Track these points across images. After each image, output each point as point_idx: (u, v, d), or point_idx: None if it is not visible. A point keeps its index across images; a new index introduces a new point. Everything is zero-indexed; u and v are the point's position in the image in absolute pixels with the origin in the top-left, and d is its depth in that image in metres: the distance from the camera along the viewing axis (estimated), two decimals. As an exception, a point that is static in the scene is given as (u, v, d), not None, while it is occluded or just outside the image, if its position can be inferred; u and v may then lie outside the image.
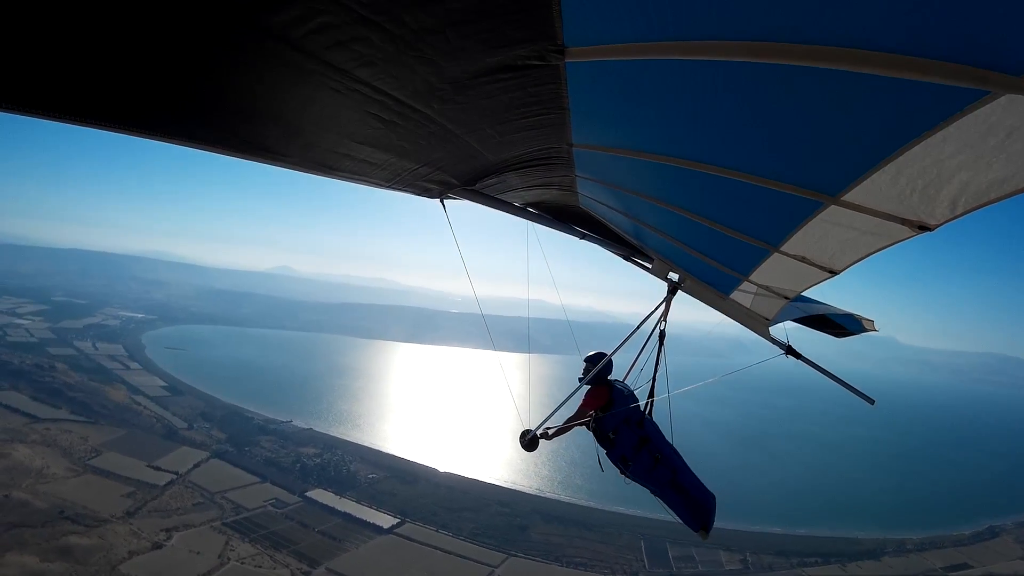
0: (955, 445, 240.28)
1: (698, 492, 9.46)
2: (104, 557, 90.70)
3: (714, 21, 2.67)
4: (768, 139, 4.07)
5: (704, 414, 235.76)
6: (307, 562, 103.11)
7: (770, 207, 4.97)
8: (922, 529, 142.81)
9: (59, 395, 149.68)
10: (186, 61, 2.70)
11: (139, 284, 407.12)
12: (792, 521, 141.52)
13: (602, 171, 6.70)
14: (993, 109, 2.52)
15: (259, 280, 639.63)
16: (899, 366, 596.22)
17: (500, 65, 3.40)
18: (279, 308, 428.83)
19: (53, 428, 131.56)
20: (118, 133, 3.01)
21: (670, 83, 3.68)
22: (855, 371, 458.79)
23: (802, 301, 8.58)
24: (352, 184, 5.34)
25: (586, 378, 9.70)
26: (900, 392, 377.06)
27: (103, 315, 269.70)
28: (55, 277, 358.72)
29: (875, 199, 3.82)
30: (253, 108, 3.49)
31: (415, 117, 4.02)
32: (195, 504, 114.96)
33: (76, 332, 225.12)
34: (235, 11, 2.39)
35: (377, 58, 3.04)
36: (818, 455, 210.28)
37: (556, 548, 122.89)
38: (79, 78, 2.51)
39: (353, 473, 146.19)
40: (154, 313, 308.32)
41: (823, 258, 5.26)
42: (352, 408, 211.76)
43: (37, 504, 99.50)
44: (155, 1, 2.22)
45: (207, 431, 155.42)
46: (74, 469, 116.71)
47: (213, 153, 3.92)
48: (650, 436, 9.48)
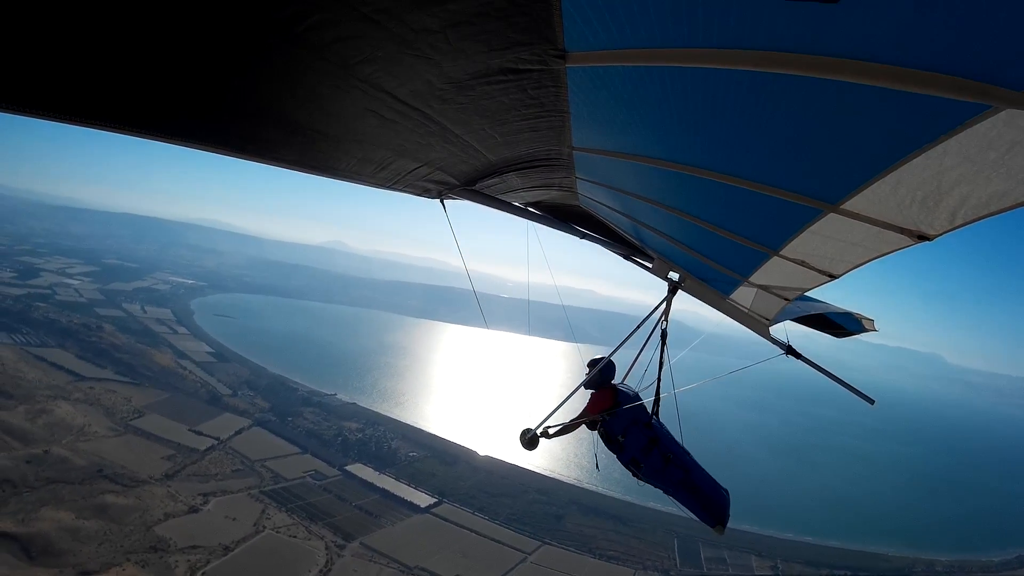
0: (990, 469, 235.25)
1: (711, 489, 9.20)
2: (140, 518, 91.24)
3: (716, 31, 2.72)
4: (769, 147, 4.06)
5: (744, 418, 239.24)
6: (342, 535, 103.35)
7: (770, 213, 5.00)
8: (951, 552, 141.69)
9: (105, 355, 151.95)
10: (184, 59, 2.69)
11: (191, 251, 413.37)
12: (824, 533, 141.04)
13: (603, 174, 6.85)
14: (994, 123, 2.56)
15: (311, 254, 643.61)
16: (940, 384, 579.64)
17: (501, 67, 3.44)
18: (330, 282, 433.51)
19: (97, 387, 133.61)
20: (114, 133, 2.96)
21: (670, 91, 3.65)
22: (897, 387, 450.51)
23: (802, 300, 8.51)
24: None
25: (587, 382, 9.66)
26: (940, 410, 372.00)
27: (153, 279, 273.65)
28: (107, 240, 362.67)
29: (875, 208, 3.86)
30: (252, 106, 3.45)
31: (415, 116, 4.04)
32: (234, 471, 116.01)
33: (125, 295, 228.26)
34: (235, 7, 2.39)
35: (378, 56, 3.07)
36: (853, 468, 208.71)
37: (590, 540, 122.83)
38: (76, 79, 2.50)
39: (394, 450, 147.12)
40: (205, 280, 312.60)
41: (823, 262, 5.32)
42: (397, 386, 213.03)
43: (76, 461, 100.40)
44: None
45: (251, 399, 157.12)
46: (115, 429, 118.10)
47: (212, 153, 3.84)
48: (659, 437, 9.27)
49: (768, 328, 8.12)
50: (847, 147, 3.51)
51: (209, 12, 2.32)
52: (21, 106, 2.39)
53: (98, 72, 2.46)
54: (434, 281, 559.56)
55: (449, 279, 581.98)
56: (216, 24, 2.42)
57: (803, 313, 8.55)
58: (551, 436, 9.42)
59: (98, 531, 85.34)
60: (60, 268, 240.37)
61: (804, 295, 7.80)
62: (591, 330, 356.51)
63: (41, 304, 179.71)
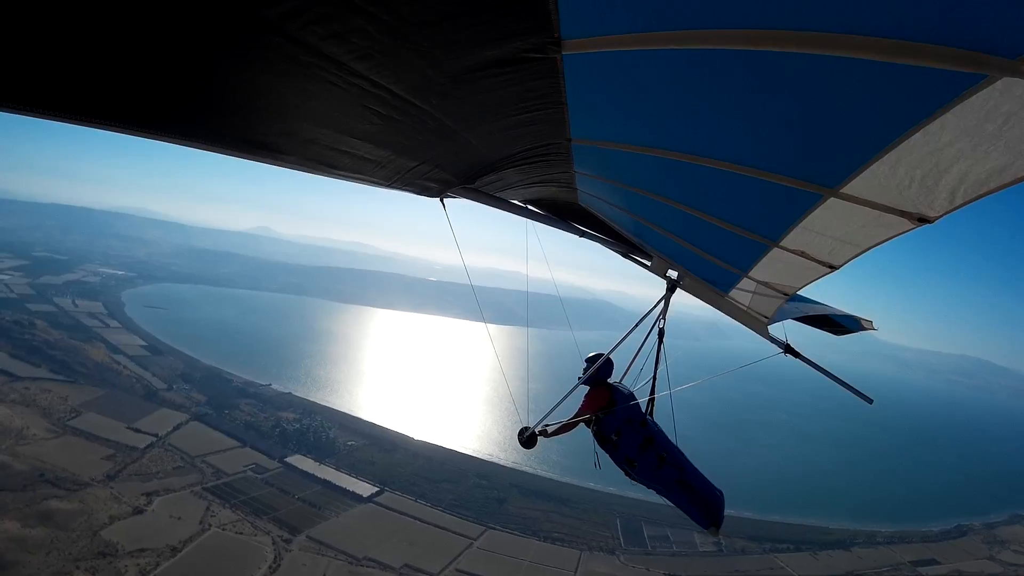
0: (927, 444, 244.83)
1: (705, 489, 9.30)
2: (86, 522, 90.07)
3: (710, 10, 2.70)
4: (767, 130, 4.07)
5: (678, 396, 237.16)
6: (288, 529, 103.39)
7: (769, 201, 4.99)
8: (892, 523, 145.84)
9: (38, 353, 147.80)
10: (179, 56, 2.63)
11: (119, 241, 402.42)
12: (765, 507, 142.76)
13: (601, 166, 6.74)
14: (990, 94, 2.50)
15: (239, 240, 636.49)
16: (875, 361, 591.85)
17: (498, 58, 3.42)
18: (259, 269, 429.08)
19: (32, 387, 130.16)
20: (110, 131, 2.94)
21: (667, 75, 3.70)
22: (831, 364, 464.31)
23: (800, 301, 8.54)
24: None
25: (584, 379, 9.57)
26: (876, 388, 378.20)
27: (83, 271, 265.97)
28: (35, 232, 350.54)
29: (874, 191, 3.81)
30: (250, 104, 3.43)
31: (413, 112, 4.02)
32: (175, 468, 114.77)
33: (56, 288, 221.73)
34: (229, 4, 2.35)
35: (374, 51, 3.03)
36: (792, 445, 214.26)
37: (533, 522, 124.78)
38: (72, 77, 2.45)
39: (332, 440, 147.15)
40: (134, 271, 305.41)
41: (822, 253, 5.24)
42: (330, 373, 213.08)
43: (17, 466, 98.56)
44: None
45: (187, 392, 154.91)
46: (54, 430, 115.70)
47: (211, 153, 3.85)
48: (654, 436, 9.28)
49: (767, 327, 8.11)
50: (844, 126, 3.51)
51: (203, 9, 2.33)
52: (16, 104, 2.39)
53: (91, 70, 2.47)
54: (363, 266, 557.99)
55: (375, 263, 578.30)
56: (210, 21, 2.43)
57: (802, 313, 8.59)
58: (549, 435, 9.21)
59: (45, 539, 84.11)
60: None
61: (802, 296, 8.09)
62: (519, 311, 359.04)
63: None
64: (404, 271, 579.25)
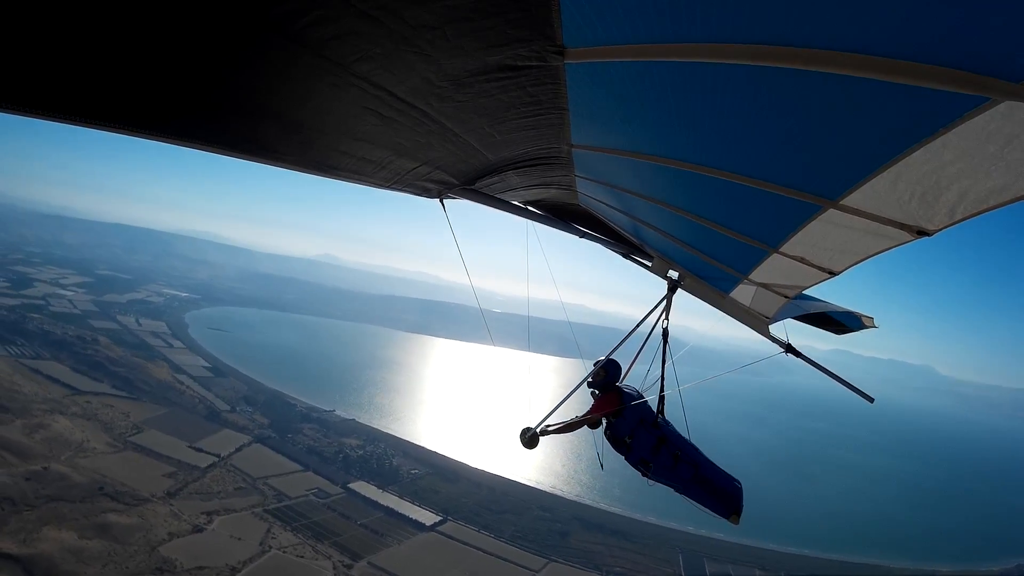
0: (986, 481, 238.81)
1: (723, 481, 9.11)
2: (144, 537, 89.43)
3: (714, 24, 2.71)
4: (768, 143, 4.05)
5: (739, 432, 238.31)
6: (349, 555, 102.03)
7: (769, 209, 5.00)
8: (952, 562, 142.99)
9: (101, 368, 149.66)
10: (182, 57, 2.65)
11: (184, 263, 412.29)
12: (825, 546, 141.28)
13: (602, 172, 6.78)
14: (992, 116, 2.56)
15: (303, 266, 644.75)
16: (934, 397, 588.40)
17: (499, 64, 3.44)
18: (323, 295, 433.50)
19: (94, 401, 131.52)
20: (109, 132, 2.91)
21: (670, 86, 3.65)
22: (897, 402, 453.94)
23: (802, 299, 8.44)
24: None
25: (593, 384, 9.60)
26: (934, 423, 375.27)
27: (147, 291, 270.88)
28: (99, 250, 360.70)
29: (874, 204, 3.87)
30: (251, 104, 3.41)
31: (414, 115, 4.02)
32: (237, 488, 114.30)
33: (120, 306, 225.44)
34: (233, 4, 2.37)
35: (376, 53, 3.06)
36: (850, 481, 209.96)
37: (596, 556, 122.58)
38: (72, 78, 2.45)
39: (396, 468, 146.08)
40: (198, 293, 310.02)
41: (822, 259, 5.33)
42: (394, 402, 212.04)
43: (76, 478, 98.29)
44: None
45: (249, 415, 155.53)
46: (114, 445, 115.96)
47: (210, 153, 3.75)
48: (667, 435, 9.23)
49: (768, 326, 8.16)
50: (846, 142, 3.49)
51: (207, 9, 2.30)
52: (21, 106, 2.34)
53: (95, 71, 2.41)
54: (426, 295, 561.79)
55: (441, 293, 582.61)
56: (214, 21, 2.40)
57: (803, 311, 8.60)
58: (549, 433, 9.30)
59: (102, 552, 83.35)
60: (53, 278, 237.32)
61: (804, 294, 7.91)
62: (585, 345, 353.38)
63: (35, 315, 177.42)
64: (467, 301, 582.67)
